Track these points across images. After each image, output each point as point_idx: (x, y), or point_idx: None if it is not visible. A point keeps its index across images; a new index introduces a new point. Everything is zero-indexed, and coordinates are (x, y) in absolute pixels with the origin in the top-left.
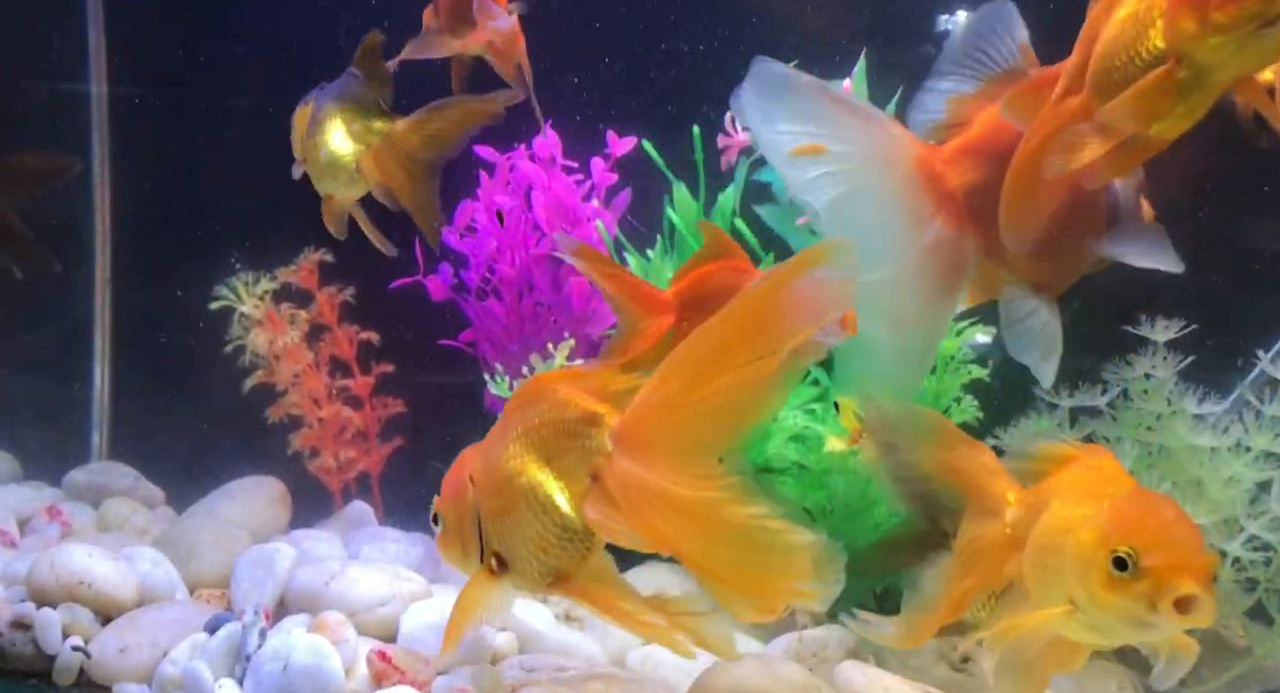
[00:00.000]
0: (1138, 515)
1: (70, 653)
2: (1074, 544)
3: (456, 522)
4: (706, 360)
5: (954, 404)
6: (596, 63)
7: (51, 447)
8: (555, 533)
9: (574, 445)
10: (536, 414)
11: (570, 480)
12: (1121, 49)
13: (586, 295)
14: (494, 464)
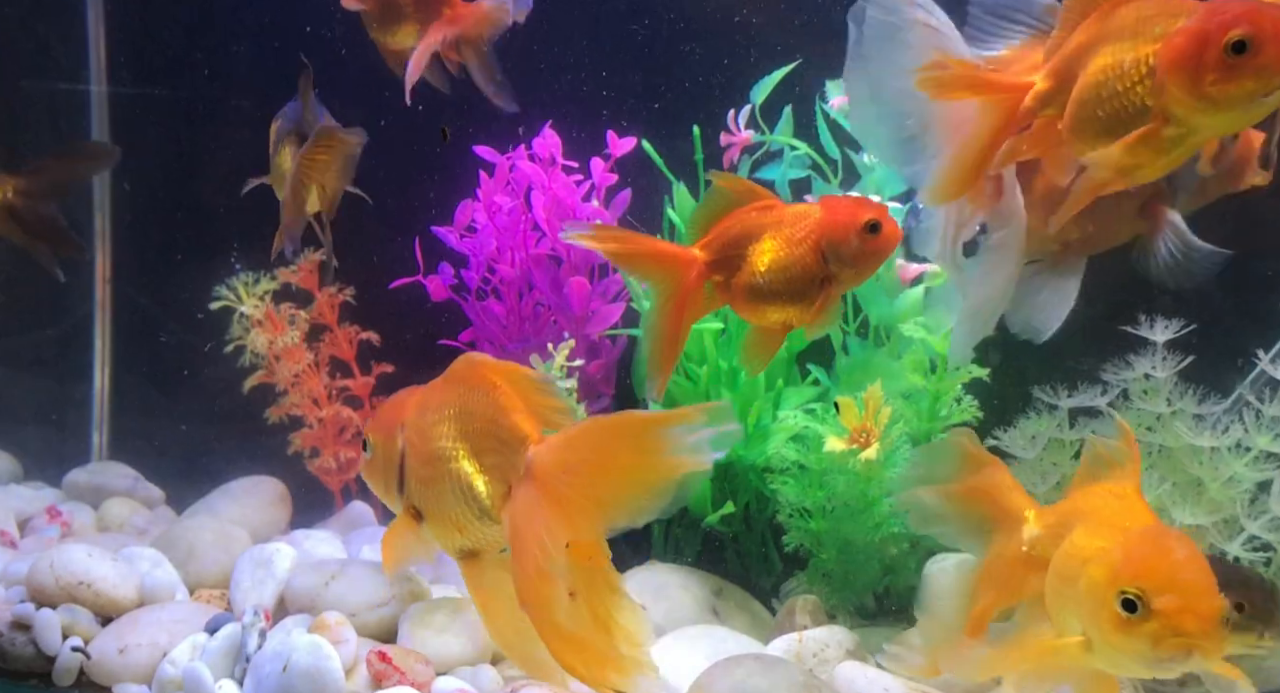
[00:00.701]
0: (1149, 556)
1: (70, 654)
2: (1086, 579)
3: (383, 460)
4: (614, 435)
5: (954, 404)
6: (597, 62)
7: (51, 447)
8: (473, 517)
9: (500, 452)
10: (475, 404)
11: (493, 479)
12: (1105, 99)
13: (586, 296)
14: (427, 433)
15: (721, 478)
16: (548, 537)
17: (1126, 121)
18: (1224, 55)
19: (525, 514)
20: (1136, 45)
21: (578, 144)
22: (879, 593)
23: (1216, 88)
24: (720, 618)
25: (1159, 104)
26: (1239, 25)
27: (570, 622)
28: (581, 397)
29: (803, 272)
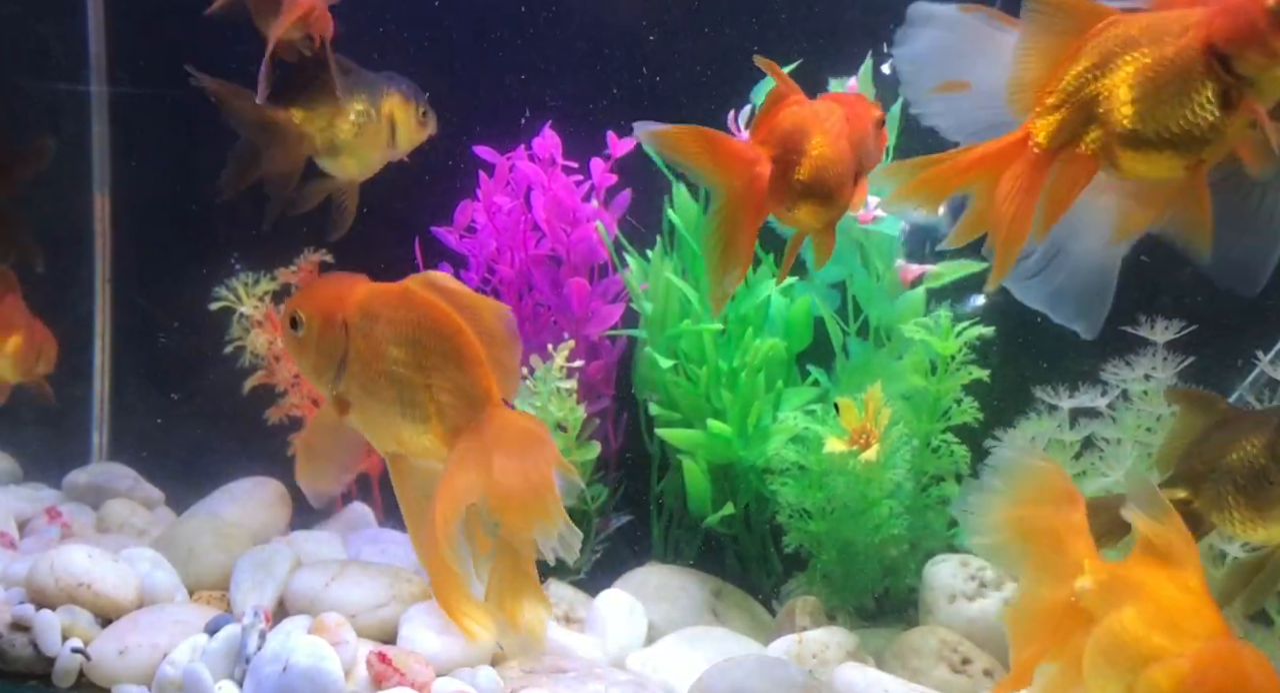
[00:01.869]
0: (1222, 680)
1: (70, 655)
2: (1147, 683)
3: (319, 344)
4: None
5: (954, 405)
6: (597, 62)
7: (51, 448)
8: (412, 434)
9: (458, 396)
10: (438, 342)
11: (442, 415)
12: (1168, 98)
13: (586, 296)
14: (380, 348)
15: (721, 479)
16: (481, 489)
17: (1192, 111)
18: (1274, 11)
19: (467, 462)
20: (1164, 46)
21: (578, 144)
22: (879, 594)
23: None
24: (720, 619)
25: (1237, 79)
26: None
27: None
28: (581, 397)
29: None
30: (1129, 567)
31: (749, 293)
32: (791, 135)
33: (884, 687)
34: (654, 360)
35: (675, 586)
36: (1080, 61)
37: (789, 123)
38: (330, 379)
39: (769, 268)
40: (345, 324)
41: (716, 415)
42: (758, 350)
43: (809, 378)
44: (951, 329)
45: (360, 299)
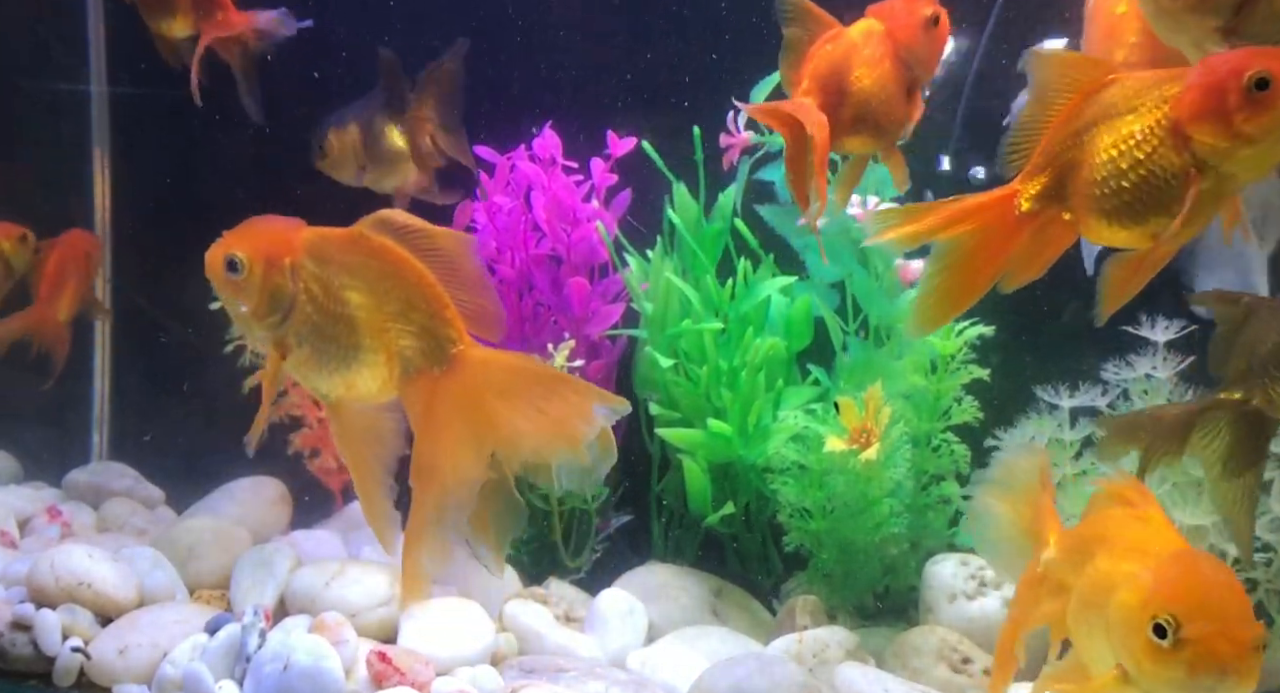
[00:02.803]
0: (1181, 580)
1: (70, 654)
2: (1117, 605)
3: (262, 287)
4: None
5: (954, 404)
6: (597, 62)
7: (51, 447)
8: (364, 380)
9: (421, 338)
10: (398, 285)
11: (400, 358)
12: (1129, 170)
13: (586, 296)
14: (336, 293)
15: (721, 478)
16: (456, 430)
17: (1157, 188)
18: (1247, 93)
19: (444, 403)
20: (1141, 116)
21: (578, 144)
22: (879, 593)
23: (1251, 124)
24: (720, 618)
25: (1190, 159)
26: (1254, 65)
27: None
28: None
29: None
30: (1089, 524)
31: (749, 293)
32: (829, 78)
33: (884, 686)
34: (654, 360)
35: (675, 585)
36: (1067, 125)
37: (824, 65)
38: (272, 324)
39: (769, 268)
40: (295, 269)
41: (717, 415)
42: (758, 350)
43: (809, 377)
44: (951, 328)
45: (308, 242)
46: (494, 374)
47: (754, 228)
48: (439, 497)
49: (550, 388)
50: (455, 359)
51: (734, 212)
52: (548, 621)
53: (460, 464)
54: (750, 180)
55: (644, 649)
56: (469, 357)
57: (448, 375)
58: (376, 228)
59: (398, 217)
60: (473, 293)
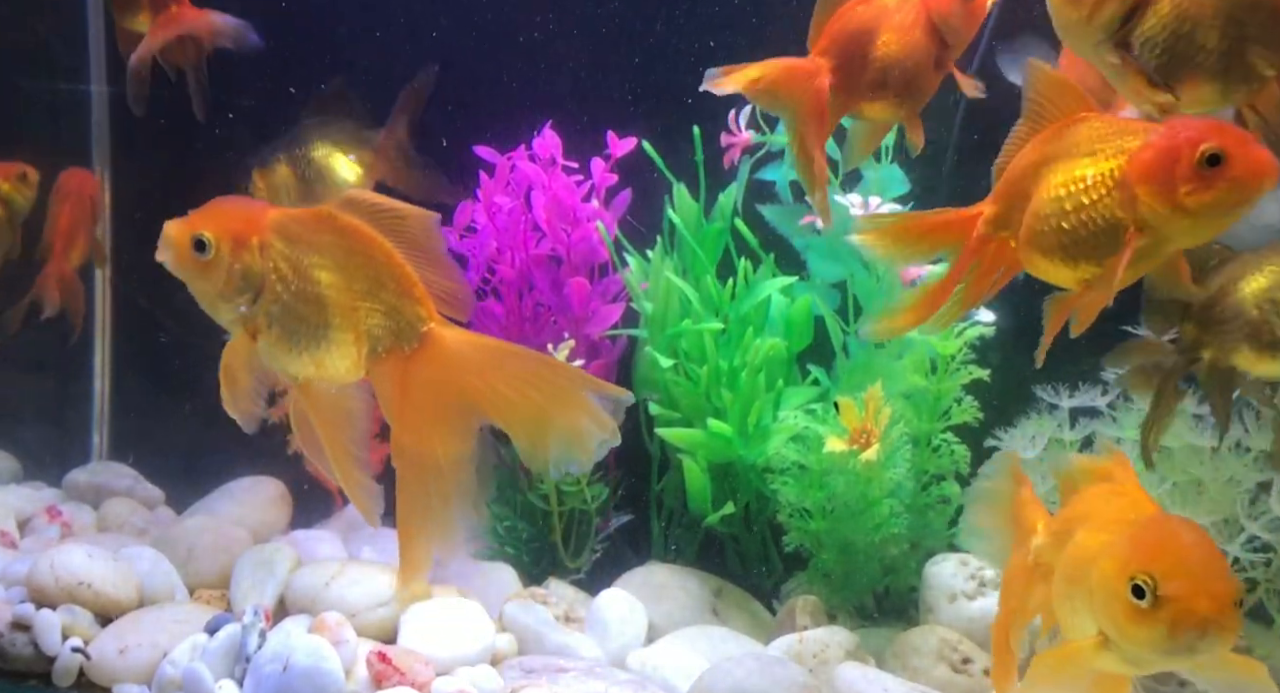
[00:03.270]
0: (1156, 542)
1: (70, 654)
2: (1097, 574)
3: (230, 267)
4: (520, 364)
5: (954, 404)
6: (596, 62)
7: (51, 447)
8: (334, 360)
9: (388, 313)
10: (368, 265)
11: (370, 338)
12: (1069, 212)
13: (586, 296)
14: (306, 272)
15: (721, 478)
16: (431, 410)
17: (1092, 235)
18: (1197, 167)
19: (416, 382)
20: (1097, 161)
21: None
22: (879, 594)
23: (1192, 198)
24: (720, 618)
25: (1131, 216)
26: (1210, 139)
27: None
28: None
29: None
30: (1071, 505)
31: (749, 293)
32: (854, 39)
33: (884, 686)
34: (654, 360)
35: (675, 585)
36: (1030, 155)
37: (852, 26)
38: (241, 304)
39: (769, 268)
40: (263, 248)
41: (717, 415)
42: (758, 350)
43: (809, 377)
44: (952, 329)
45: (276, 222)
46: (469, 352)
47: (754, 228)
48: (425, 477)
49: (536, 370)
50: (426, 338)
51: (734, 211)
52: (548, 621)
53: (445, 441)
54: (751, 180)
55: (644, 649)
56: (439, 335)
57: (419, 354)
58: (344, 208)
59: (365, 196)
60: (440, 273)
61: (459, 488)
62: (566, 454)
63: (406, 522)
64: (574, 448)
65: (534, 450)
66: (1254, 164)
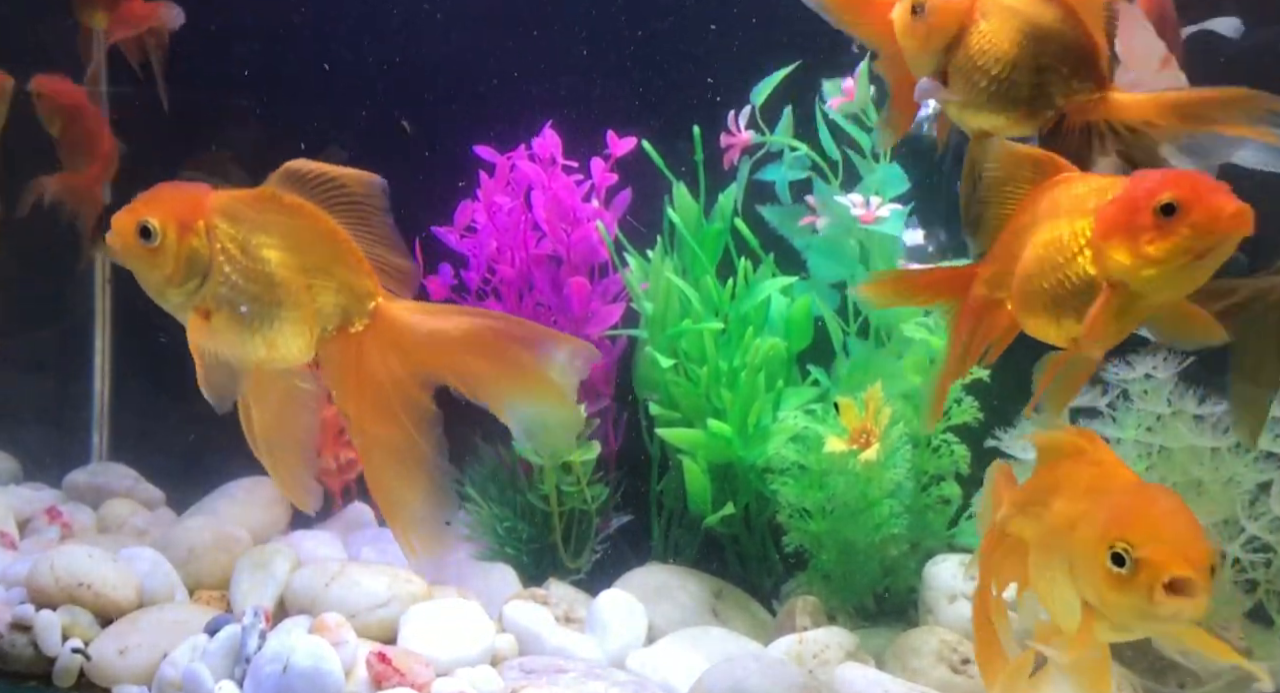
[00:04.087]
0: (1132, 509)
1: (70, 655)
2: (1077, 543)
3: (177, 252)
4: (475, 331)
5: (954, 404)
6: (596, 62)
7: (51, 447)
8: (286, 340)
9: (337, 291)
10: (314, 241)
11: (321, 315)
12: (1048, 272)
13: (586, 296)
14: (254, 251)
15: (721, 479)
16: (384, 386)
17: (1071, 292)
18: (1155, 217)
19: (368, 358)
20: (1072, 220)
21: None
22: (879, 594)
23: (1154, 247)
24: (720, 619)
25: (1104, 273)
26: (1165, 190)
27: (386, 470)
28: (581, 397)
29: None
30: (1040, 476)
31: (749, 293)
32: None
33: (884, 687)
34: (654, 360)
35: (675, 586)
36: (1019, 217)
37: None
38: (190, 290)
39: (769, 268)
40: (209, 230)
41: (717, 415)
42: (758, 350)
43: (809, 377)
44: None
45: (220, 203)
46: (419, 323)
47: (754, 228)
48: (390, 453)
49: (488, 331)
50: (375, 314)
51: (734, 211)
52: (548, 621)
53: (404, 415)
54: (750, 180)
55: (644, 650)
56: (388, 310)
57: (370, 331)
58: (285, 182)
59: (304, 165)
60: (384, 247)
61: (426, 457)
62: (539, 412)
63: (385, 500)
64: (545, 401)
65: (505, 412)
66: (1212, 210)
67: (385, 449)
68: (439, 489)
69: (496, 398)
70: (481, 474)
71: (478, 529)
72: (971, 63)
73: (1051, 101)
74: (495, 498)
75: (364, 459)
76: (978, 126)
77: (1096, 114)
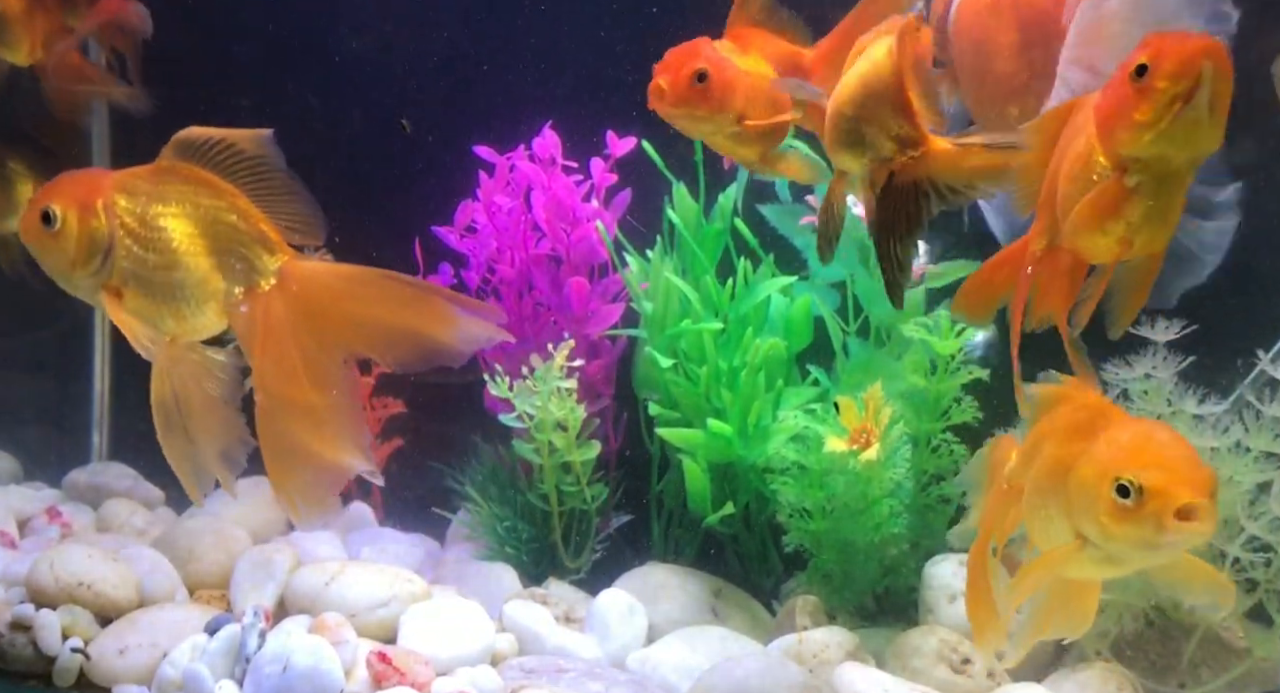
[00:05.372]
0: (1133, 443)
1: (70, 654)
2: (1076, 481)
3: (79, 234)
4: (385, 286)
5: (954, 404)
6: (596, 62)
7: (51, 447)
8: (195, 309)
9: (245, 257)
10: (214, 205)
11: (229, 279)
12: (1079, 185)
13: (586, 296)
14: (154, 223)
15: (721, 478)
16: (295, 344)
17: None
18: (1133, 85)
19: (277, 317)
20: (1081, 134)
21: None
22: (879, 594)
23: (1140, 111)
24: (720, 619)
25: (1112, 158)
26: (1134, 59)
27: (296, 432)
28: (581, 397)
29: None
30: (1035, 429)
31: (749, 293)
32: None
33: (884, 687)
34: (654, 360)
35: (675, 585)
36: (1054, 166)
37: None
38: (94, 270)
39: (769, 268)
40: (107, 208)
41: (717, 415)
42: (758, 350)
43: (809, 377)
44: (951, 329)
45: (118, 182)
46: (326, 282)
47: (754, 228)
48: (292, 418)
49: (395, 290)
50: (281, 273)
51: (734, 211)
52: (547, 621)
53: (313, 377)
54: (750, 180)
55: (644, 650)
56: (295, 269)
57: (277, 290)
58: (178, 151)
59: (195, 133)
60: (285, 200)
61: (329, 419)
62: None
63: (277, 461)
64: (443, 357)
65: (404, 365)
66: (1178, 54)
67: (289, 409)
68: (338, 451)
69: (394, 356)
70: (481, 474)
71: (478, 529)
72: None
73: (880, 152)
74: (495, 498)
75: (263, 418)
76: (836, 164)
77: (920, 171)
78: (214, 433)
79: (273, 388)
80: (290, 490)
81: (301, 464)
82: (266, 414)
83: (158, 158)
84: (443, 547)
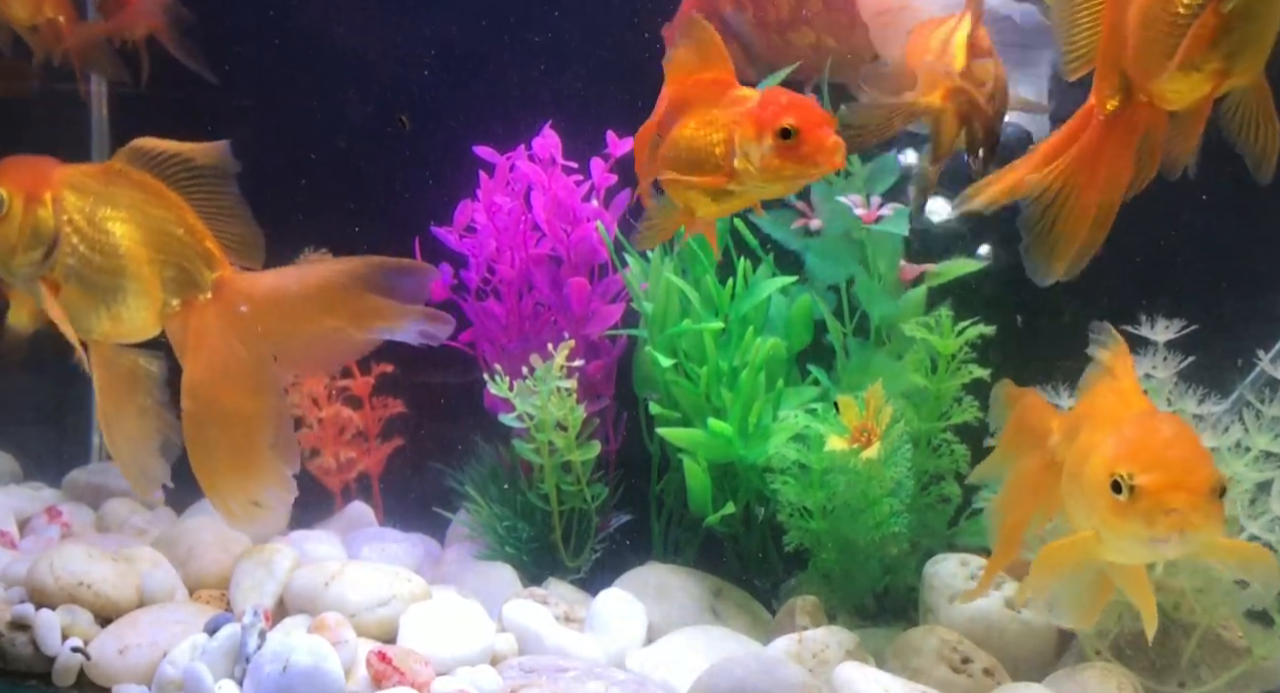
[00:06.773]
0: (1136, 438)
1: (70, 654)
2: (1087, 472)
3: (22, 227)
4: (320, 288)
5: (954, 404)
6: (595, 62)
7: (51, 447)
8: (133, 313)
9: (182, 266)
10: (160, 214)
11: (168, 287)
12: (1157, 28)
13: (586, 296)
14: (100, 224)
15: (721, 478)
16: (228, 356)
17: (1189, 24)
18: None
19: (211, 330)
20: None
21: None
22: (879, 593)
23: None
24: (720, 619)
25: None
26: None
27: (223, 441)
28: (581, 397)
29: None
30: (1082, 403)
31: (749, 293)
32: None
33: (884, 686)
34: (654, 360)
35: (675, 585)
36: (1109, 22)
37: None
38: (36, 261)
39: (769, 268)
40: (56, 201)
41: (717, 414)
42: (758, 350)
43: (809, 377)
44: (952, 328)
45: (67, 177)
46: (264, 293)
47: (754, 228)
48: (221, 429)
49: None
50: (218, 286)
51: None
52: (547, 621)
53: (248, 390)
54: None
55: (644, 649)
56: (232, 282)
57: (214, 302)
58: (131, 158)
59: (150, 144)
60: (230, 219)
61: (262, 428)
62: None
63: (208, 468)
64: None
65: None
66: None
67: (222, 419)
68: (271, 459)
69: (332, 361)
70: (481, 474)
71: (478, 529)
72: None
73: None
74: (495, 498)
75: (192, 427)
76: None
77: None
78: (147, 434)
79: (202, 396)
80: (221, 494)
81: (229, 470)
82: (193, 421)
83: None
84: (443, 547)
